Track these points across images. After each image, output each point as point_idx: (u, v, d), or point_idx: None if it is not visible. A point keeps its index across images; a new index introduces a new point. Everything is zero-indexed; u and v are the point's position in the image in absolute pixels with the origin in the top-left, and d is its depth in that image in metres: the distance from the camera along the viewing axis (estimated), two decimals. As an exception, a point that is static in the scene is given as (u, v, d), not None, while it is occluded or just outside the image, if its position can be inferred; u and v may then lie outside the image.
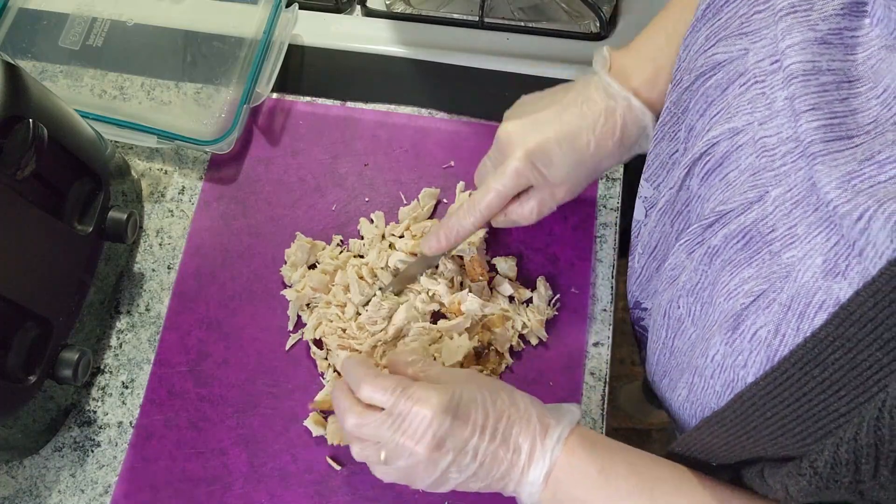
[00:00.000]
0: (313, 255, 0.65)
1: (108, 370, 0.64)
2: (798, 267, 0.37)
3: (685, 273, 0.47)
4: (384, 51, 0.74)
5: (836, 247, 0.36)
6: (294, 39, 0.75)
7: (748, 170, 0.42)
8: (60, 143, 0.57)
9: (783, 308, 0.38)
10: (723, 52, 0.45)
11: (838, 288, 0.35)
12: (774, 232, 0.39)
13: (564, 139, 0.54)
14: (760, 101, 0.42)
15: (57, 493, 0.61)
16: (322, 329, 0.62)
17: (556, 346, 0.63)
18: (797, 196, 0.38)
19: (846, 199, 0.34)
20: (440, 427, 0.46)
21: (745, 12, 0.44)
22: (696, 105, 0.47)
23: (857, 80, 0.38)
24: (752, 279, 0.40)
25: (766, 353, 0.39)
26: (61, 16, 0.73)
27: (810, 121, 0.37)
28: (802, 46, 0.38)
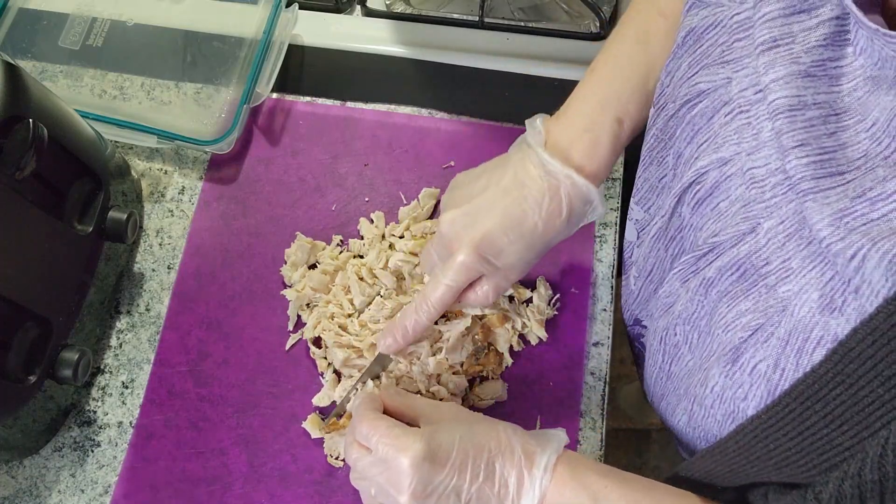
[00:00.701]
0: (313, 256, 0.65)
1: (108, 370, 0.64)
2: (794, 301, 0.37)
3: (680, 302, 0.47)
4: (384, 51, 0.74)
5: (831, 282, 0.36)
6: (294, 39, 0.75)
7: (738, 201, 0.42)
8: (60, 143, 0.57)
9: (781, 343, 0.38)
10: (706, 81, 0.44)
11: (836, 324, 0.35)
12: (769, 265, 0.39)
13: (510, 226, 0.52)
14: (747, 131, 0.41)
15: (57, 493, 0.61)
16: (321, 327, 0.62)
17: (556, 346, 0.63)
18: (789, 229, 0.38)
19: (839, 237, 0.34)
20: (418, 474, 0.46)
21: (726, 40, 0.44)
22: (684, 133, 0.47)
23: (843, 112, 0.38)
24: (749, 312, 0.40)
25: (766, 386, 0.39)
26: (61, 16, 0.73)
27: (800, 157, 0.37)
28: (787, 80, 0.38)
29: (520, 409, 0.61)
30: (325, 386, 0.62)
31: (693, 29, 0.46)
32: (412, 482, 0.46)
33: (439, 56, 0.73)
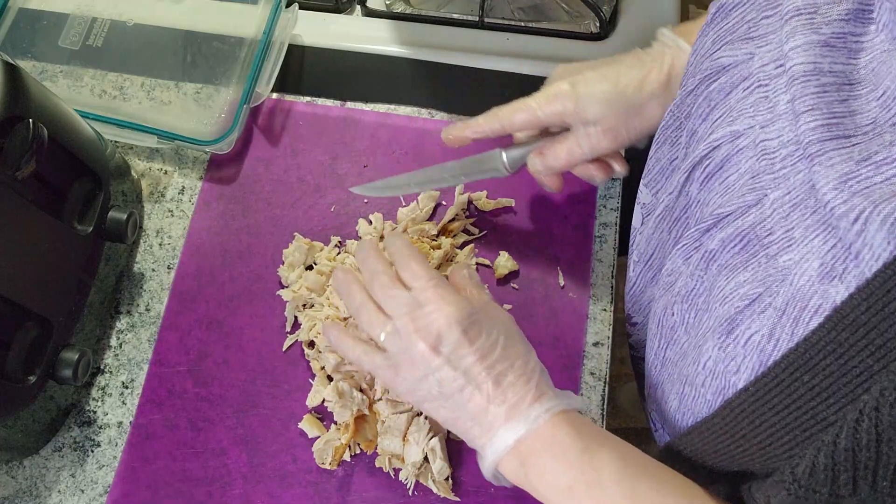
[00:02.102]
0: (311, 256, 0.65)
1: (108, 370, 0.64)
2: (794, 270, 0.37)
3: (681, 279, 0.46)
4: (384, 51, 0.74)
5: (833, 250, 0.35)
6: (294, 39, 0.75)
7: (747, 173, 0.41)
8: (60, 143, 0.57)
9: (778, 312, 0.37)
10: (728, 56, 0.45)
11: (835, 291, 0.35)
12: (772, 235, 0.39)
13: (609, 74, 0.55)
14: (763, 104, 0.41)
15: (57, 493, 0.61)
16: (316, 330, 0.62)
17: (556, 346, 0.63)
18: (795, 199, 0.38)
19: (842, 199, 0.34)
20: (448, 333, 0.47)
21: (754, 17, 0.44)
22: (699, 109, 0.47)
23: (857, 82, 0.38)
24: (747, 283, 0.40)
25: (759, 357, 0.38)
26: (61, 16, 0.73)
27: (808, 121, 0.37)
28: (805, 48, 0.38)
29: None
30: (315, 383, 0.61)
31: (723, 5, 0.47)
32: (440, 330, 0.47)
33: (439, 56, 0.73)
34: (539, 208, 0.68)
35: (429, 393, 0.48)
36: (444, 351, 0.47)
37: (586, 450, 0.45)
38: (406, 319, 0.48)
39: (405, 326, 0.48)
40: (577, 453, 0.44)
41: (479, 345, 0.47)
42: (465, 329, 0.47)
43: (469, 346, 0.47)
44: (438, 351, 0.47)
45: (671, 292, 0.47)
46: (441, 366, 0.47)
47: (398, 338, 0.48)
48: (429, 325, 0.47)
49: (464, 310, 0.48)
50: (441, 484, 0.58)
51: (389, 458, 0.59)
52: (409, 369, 0.48)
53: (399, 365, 0.49)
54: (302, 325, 0.63)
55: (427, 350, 0.47)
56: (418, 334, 0.47)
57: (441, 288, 0.49)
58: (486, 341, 0.47)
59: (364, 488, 0.59)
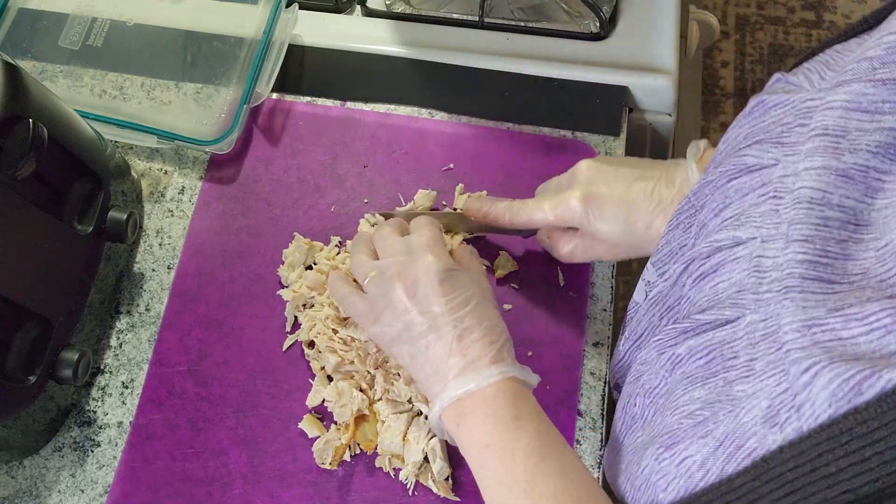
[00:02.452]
0: (311, 256, 0.65)
1: (108, 370, 0.64)
2: (743, 404, 0.35)
3: (648, 373, 0.45)
4: (384, 51, 0.74)
5: (783, 394, 0.33)
6: (294, 39, 0.75)
7: (735, 285, 0.40)
8: (60, 143, 0.57)
9: (715, 443, 0.36)
10: (754, 157, 0.42)
11: (772, 440, 0.33)
12: (735, 359, 0.37)
13: (625, 204, 0.54)
14: (771, 217, 0.39)
15: (57, 493, 0.61)
16: (316, 330, 0.62)
17: (556, 346, 0.63)
18: (769, 328, 0.36)
19: (800, 345, 0.32)
20: (423, 280, 0.50)
21: (790, 122, 0.41)
22: (714, 203, 0.45)
23: (865, 225, 0.35)
24: (699, 400, 0.38)
25: (685, 483, 0.37)
26: (61, 16, 0.73)
27: (798, 251, 0.34)
28: (819, 173, 0.35)
29: (519, 409, 0.61)
30: (315, 383, 0.61)
31: (763, 101, 0.44)
32: (415, 280, 0.51)
33: (439, 56, 0.73)
34: (539, 208, 0.68)
35: (398, 336, 0.51)
36: (417, 296, 0.50)
37: (516, 418, 0.47)
38: (390, 261, 0.52)
39: (388, 268, 0.52)
40: (507, 419, 0.47)
41: (451, 297, 0.50)
42: (442, 280, 0.50)
43: (442, 296, 0.50)
44: (413, 295, 0.50)
45: (637, 383, 0.47)
46: (411, 309, 0.50)
47: (380, 279, 0.52)
48: (410, 270, 0.51)
49: (445, 263, 0.51)
50: (441, 484, 0.58)
51: (389, 458, 0.59)
52: (384, 310, 0.51)
53: (376, 306, 0.52)
54: (302, 325, 0.63)
55: (402, 293, 0.50)
56: (399, 277, 0.51)
57: (434, 242, 0.53)
58: (459, 296, 0.50)
59: (364, 488, 0.59)
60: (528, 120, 0.71)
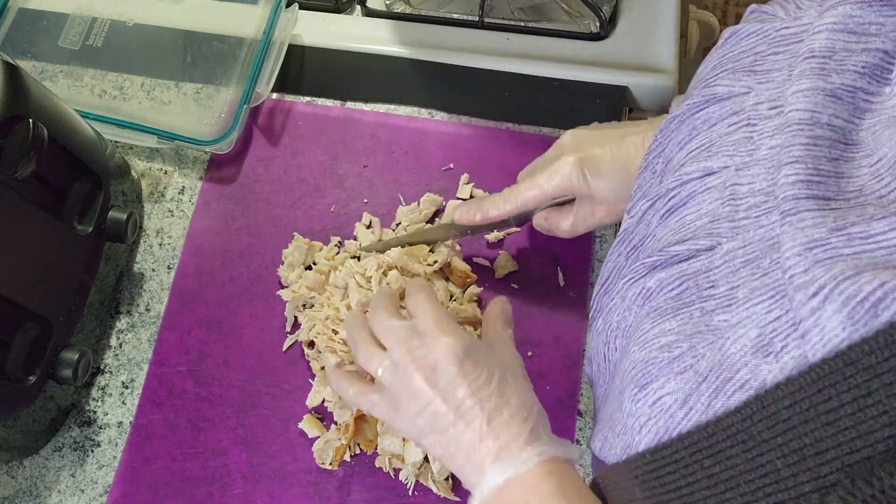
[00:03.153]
0: (310, 256, 0.65)
1: (108, 370, 0.64)
2: (727, 334, 0.33)
3: (618, 312, 0.43)
4: (384, 51, 0.74)
5: (775, 322, 0.31)
6: (294, 39, 0.75)
7: (707, 215, 0.38)
8: (60, 143, 0.57)
9: (698, 378, 0.34)
10: (724, 86, 0.41)
11: (767, 370, 0.31)
12: (713, 289, 0.35)
13: (618, 159, 0.54)
14: (745, 145, 0.38)
15: (57, 493, 0.61)
16: (315, 330, 0.62)
17: (555, 345, 0.63)
18: (749, 255, 0.35)
19: (804, 268, 0.30)
20: (443, 364, 0.46)
21: (763, 50, 0.41)
22: (679, 136, 0.44)
23: (854, 144, 0.34)
24: (671, 333, 0.36)
25: (665, 422, 0.34)
26: (61, 16, 0.73)
27: (789, 174, 0.33)
28: (807, 94, 0.35)
29: (519, 409, 0.61)
30: (315, 383, 0.61)
31: (737, 31, 0.44)
32: (436, 365, 0.46)
33: (439, 56, 0.73)
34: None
35: (425, 427, 0.46)
36: (438, 383, 0.46)
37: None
38: (403, 350, 0.47)
39: (402, 358, 0.47)
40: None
41: (473, 378, 0.46)
42: (462, 361, 0.46)
43: (463, 378, 0.45)
44: (434, 383, 0.46)
45: (608, 326, 0.45)
46: (434, 398, 0.46)
47: (395, 370, 0.47)
48: (426, 355, 0.46)
49: (462, 341, 0.47)
50: (441, 484, 0.58)
51: (389, 458, 0.59)
52: (406, 403, 0.47)
53: (397, 400, 0.47)
54: (302, 325, 0.63)
55: (422, 382, 0.46)
56: (415, 365, 0.46)
57: (442, 318, 0.48)
58: (481, 375, 0.46)
59: (364, 488, 0.59)
60: (528, 120, 0.71)
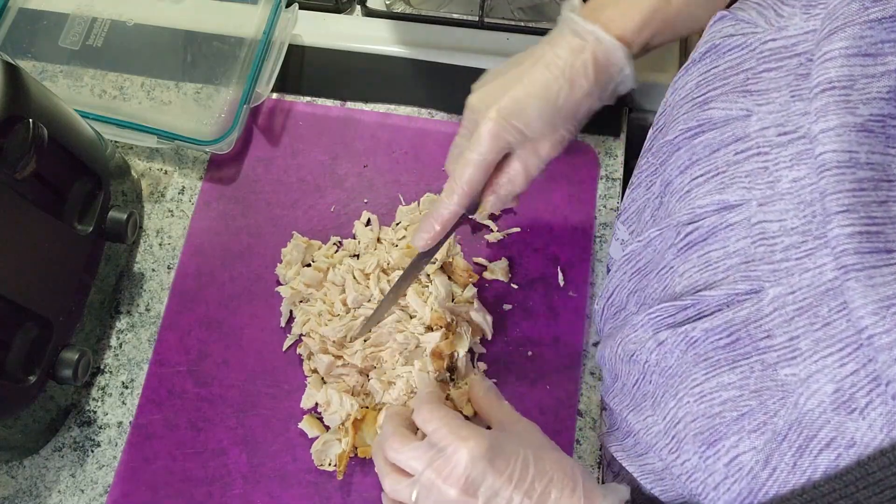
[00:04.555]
0: (309, 255, 0.66)
1: (108, 370, 0.64)
2: (800, 390, 0.32)
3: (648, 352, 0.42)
4: (384, 51, 0.74)
5: (852, 376, 0.31)
6: (294, 39, 0.75)
7: (737, 255, 0.37)
8: (60, 143, 0.57)
9: (777, 436, 0.33)
10: (721, 109, 0.40)
11: (854, 427, 0.30)
12: (770, 339, 0.34)
13: (535, 90, 0.50)
14: (761, 176, 0.37)
15: (57, 493, 0.61)
16: (308, 326, 0.62)
17: (556, 346, 0.63)
18: (802, 302, 0.33)
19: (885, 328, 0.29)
20: (474, 470, 0.44)
21: (753, 67, 0.39)
22: (678, 160, 0.42)
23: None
24: (733, 388, 0.35)
25: (749, 484, 0.34)
26: (61, 16, 0.73)
27: (843, 224, 0.31)
28: (838, 133, 0.33)
29: (520, 408, 0.61)
30: (308, 386, 0.61)
31: (716, 46, 0.42)
32: (468, 473, 0.44)
33: (439, 56, 0.73)
34: (539, 208, 0.68)
35: None
36: (478, 491, 0.44)
37: None
38: (429, 472, 0.45)
39: (430, 480, 0.45)
40: None
41: (509, 473, 0.44)
42: (491, 460, 0.44)
43: (500, 476, 0.44)
44: (473, 492, 0.44)
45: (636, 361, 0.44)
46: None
47: (428, 494, 0.45)
48: (453, 469, 0.44)
49: (484, 440, 0.45)
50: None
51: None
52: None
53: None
54: (296, 319, 0.63)
55: (461, 495, 0.44)
56: (447, 483, 0.44)
57: (454, 424, 0.46)
58: (516, 466, 0.45)
59: (364, 488, 0.59)
60: (528, 120, 0.71)
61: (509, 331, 0.64)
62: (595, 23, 0.51)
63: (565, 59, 0.50)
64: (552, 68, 0.50)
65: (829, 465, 0.31)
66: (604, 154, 0.70)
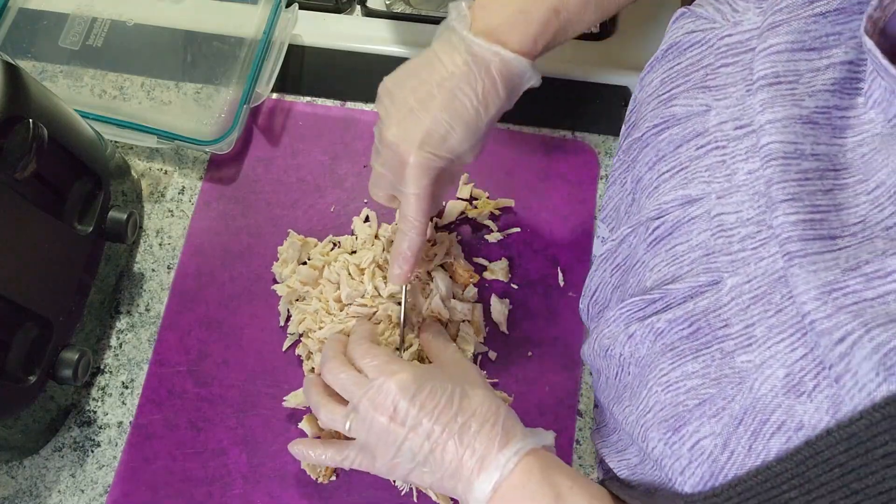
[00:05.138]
0: (305, 253, 0.66)
1: (108, 370, 0.64)
2: (754, 376, 0.33)
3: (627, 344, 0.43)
4: (384, 51, 0.74)
5: (801, 360, 0.32)
6: (294, 39, 0.75)
7: (700, 248, 0.38)
8: (60, 143, 0.57)
9: (734, 420, 0.34)
10: (682, 106, 0.41)
11: (802, 410, 0.31)
12: (728, 328, 0.35)
13: (451, 118, 0.51)
14: (720, 170, 0.37)
15: (57, 493, 0.61)
16: (305, 325, 0.62)
17: (555, 345, 0.63)
18: (757, 290, 0.34)
19: (826, 313, 0.30)
20: (400, 399, 0.47)
21: (711, 63, 0.40)
22: (646, 157, 0.43)
23: (843, 168, 0.34)
24: (696, 376, 0.36)
25: (710, 467, 0.35)
26: (61, 16, 0.73)
27: (788, 213, 0.32)
28: (785, 125, 0.34)
29: (520, 408, 0.61)
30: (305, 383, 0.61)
31: (677, 43, 0.43)
32: (395, 402, 0.47)
33: (439, 56, 0.73)
34: (539, 208, 0.68)
35: (406, 465, 0.47)
36: (404, 419, 0.47)
37: (558, 497, 0.44)
38: (363, 400, 0.48)
39: (364, 407, 0.48)
40: (549, 501, 0.44)
41: (433, 405, 0.47)
42: (417, 392, 0.47)
43: (423, 408, 0.47)
44: (400, 422, 0.47)
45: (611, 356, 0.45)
46: (405, 436, 0.47)
47: (361, 422, 0.48)
48: (384, 397, 0.48)
49: (411, 373, 0.48)
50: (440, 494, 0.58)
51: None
52: (381, 448, 0.48)
53: (372, 447, 0.48)
54: (292, 318, 0.63)
55: (389, 423, 0.47)
56: (377, 410, 0.48)
57: (387, 359, 0.50)
58: (441, 399, 0.47)
59: (364, 489, 0.59)
60: (528, 120, 0.71)
61: (509, 331, 0.64)
62: (493, 40, 0.51)
63: (471, 85, 0.51)
64: (461, 95, 0.51)
65: (780, 447, 0.32)
66: (604, 154, 0.70)
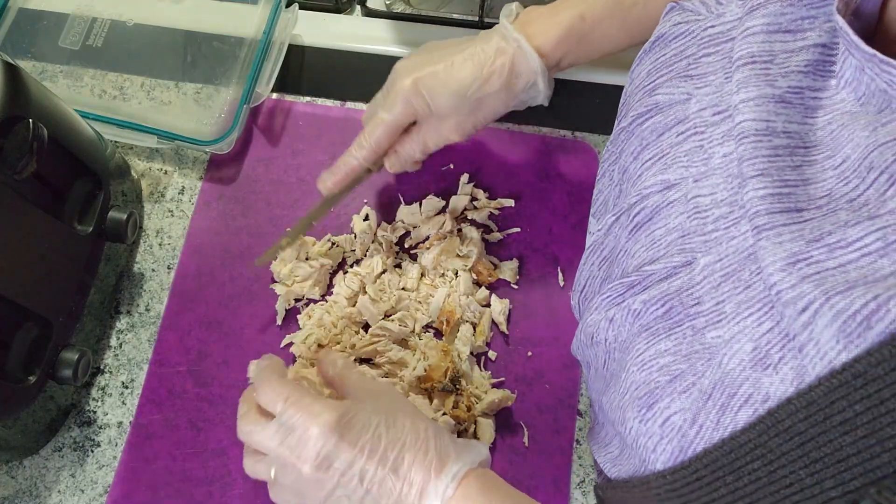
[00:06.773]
0: (303, 251, 0.66)
1: (108, 370, 0.64)
2: (723, 350, 0.34)
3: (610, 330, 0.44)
4: (384, 51, 0.74)
5: (768, 334, 0.32)
6: (294, 39, 0.75)
7: (676, 230, 0.38)
8: (60, 143, 0.57)
9: (703, 395, 0.34)
10: (665, 94, 0.41)
11: (768, 382, 0.31)
12: (700, 305, 0.36)
13: (451, 73, 0.56)
14: (698, 154, 0.38)
15: (57, 493, 0.61)
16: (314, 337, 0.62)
17: (555, 345, 0.63)
18: (728, 268, 0.35)
19: (790, 283, 0.30)
20: (324, 446, 0.44)
21: (694, 53, 0.41)
22: (630, 146, 0.44)
23: (813, 146, 0.34)
24: (668, 354, 0.37)
25: (679, 442, 0.35)
26: (61, 16, 0.73)
27: (757, 188, 0.33)
28: (758, 103, 0.35)
29: (520, 408, 0.61)
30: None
31: (662, 35, 0.44)
32: (318, 449, 0.44)
33: (439, 56, 0.73)
34: (539, 208, 0.68)
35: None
36: (331, 466, 0.45)
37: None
38: (281, 450, 0.45)
39: (284, 457, 0.45)
40: None
41: (361, 444, 0.45)
42: (342, 433, 0.45)
43: (352, 448, 0.44)
44: (326, 468, 0.45)
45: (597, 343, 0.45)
46: (336, 481, 0.45)
47: (285, 471, 0.46)
48: (305, 446, 0.45)
49: (333, 415, 0.45)
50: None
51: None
52: (312, 495, 0.46)
53: (302, 494, 0.46)
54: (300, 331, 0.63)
55: (315, 472, 0.44)
56: (300, 461, 0.45)
57: (302, 402, 0.46)
58: (367, 437, 0.45)
59: (364, 488, 0.59)
60: (527, 120, 0.71)
61: (509, 331, 0.64)
62: (522, 33, 0.56)
63: (486, 58, 0.56)
64: (474, 60, 0.56)
65: (747, 420, 0.32)
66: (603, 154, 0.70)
